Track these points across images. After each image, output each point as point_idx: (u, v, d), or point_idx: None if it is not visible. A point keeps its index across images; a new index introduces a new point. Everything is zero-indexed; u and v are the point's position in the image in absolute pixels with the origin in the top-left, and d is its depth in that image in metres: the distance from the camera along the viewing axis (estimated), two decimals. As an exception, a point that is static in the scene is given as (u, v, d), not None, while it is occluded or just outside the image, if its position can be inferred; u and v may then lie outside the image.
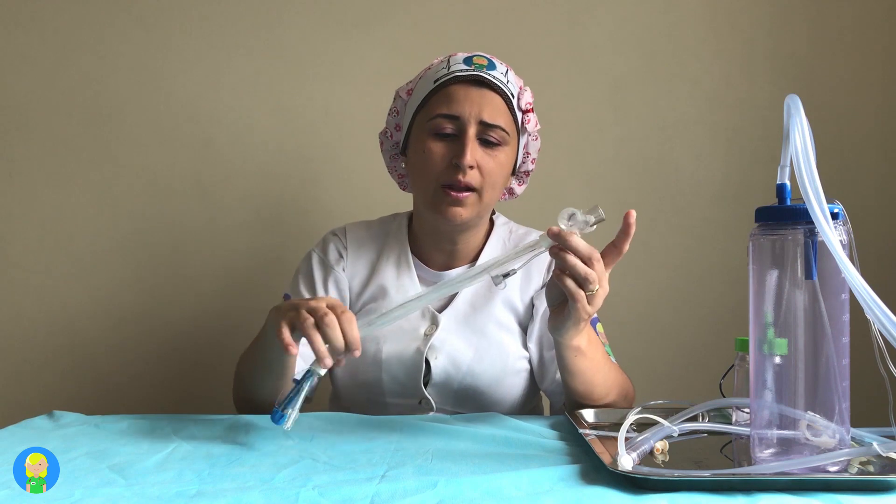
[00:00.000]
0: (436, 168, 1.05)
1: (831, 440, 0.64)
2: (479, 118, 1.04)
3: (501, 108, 1.06)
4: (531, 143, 1.15)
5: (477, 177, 1.05)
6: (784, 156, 0.66)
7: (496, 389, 1.08)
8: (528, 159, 1.17)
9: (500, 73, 1.07)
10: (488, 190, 1.07)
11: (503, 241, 1.18)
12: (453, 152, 1.04)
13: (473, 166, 1.04)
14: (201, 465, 0.72)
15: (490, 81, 1.05)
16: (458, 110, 1.04)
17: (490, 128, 1.05)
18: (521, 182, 1.20)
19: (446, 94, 1.06)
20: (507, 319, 1.12)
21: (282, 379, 0.97)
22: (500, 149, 1.07)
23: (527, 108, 1.10)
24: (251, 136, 1.56)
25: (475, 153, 1.04)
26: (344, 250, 1.17)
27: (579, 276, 0.82)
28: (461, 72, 1.06)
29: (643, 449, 0.71)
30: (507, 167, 1.09)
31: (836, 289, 0.64)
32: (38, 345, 1.54)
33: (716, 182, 1.60)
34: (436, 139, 1.06)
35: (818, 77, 1.59)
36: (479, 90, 1.05)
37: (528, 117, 1.10)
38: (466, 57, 1.08)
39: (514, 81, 1.10)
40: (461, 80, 1.06)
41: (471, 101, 1.04)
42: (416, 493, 0.62)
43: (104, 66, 1.54)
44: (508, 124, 1.07)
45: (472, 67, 1.06)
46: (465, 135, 1.04)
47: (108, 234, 1.55)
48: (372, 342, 1.09)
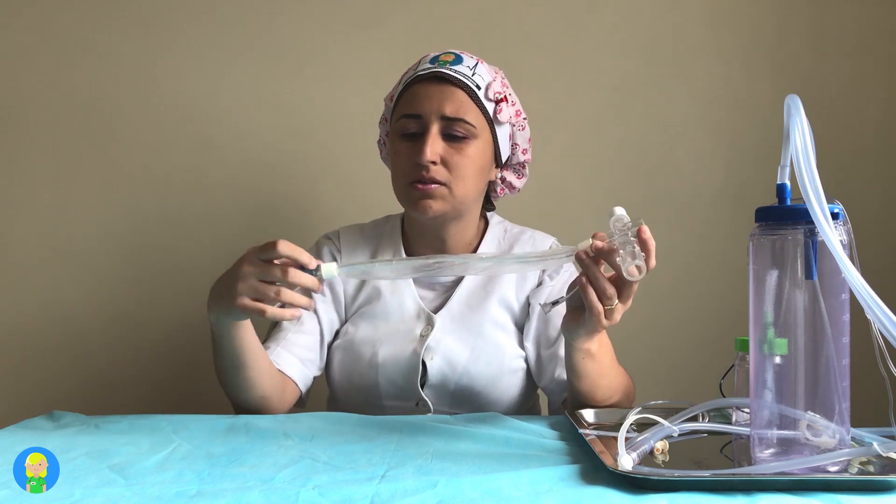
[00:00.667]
0: (403, 167, 1.06)
1: (831, 440, 0.64)
2: (441, 114, 1.04)
3: (464, 101, 1.06)
4: (517, 133, 1.13)
5: (442, 171, 1.05)
6: (784, 156, 0.66)
7: (493, 389, 1.08)
8: (518, 150, 1.15)
9: (466, 67, 1.07)
10: (458, 182, 1.06)
11: (498, 239, 1.18)
12: (416, 150, 1.05)
13: (436, 161, 1.04)
14: (201, 465, 0.72)
15: (451, 76, 1.05)
16: (418, 108, 1.05)
17: (454, 121, 1.05)
18: (520, 175, 1.19)
19: (410, 94, 1.07)
20: (502, 319, 1.12)
21: (254, 368, 0.96)
22: (467, 142, 1.06)
23: (498, 98, 1.08)
24: (251, 136, 1.56)
25: (436, 148, 1.04)
26: (338, 253, 1.18)
27: (601, 289, 0.82)
28: (424, 70, 1.07)
29: (643, 449, 0.71)
30: (478, 160, 1.08)
31: (836, 289, 0.64)
32: (38, 345, 1.54)
33: (716, 182, 1.60)
34: (402, 140, 1.07)
35: (818, 77, 1.59)
36: (439, 86, 1.05)
37: (500, 107, 1.08)
38: (435, 56, 1.09)
39: (485, 73, 1.09)
40: (423, 79, 1.06)
41: (430, 98, 1.05)
42: (416, 493, 0.62)
43: (104, 66, 1.54)
44: (475, 117, 1.06)
45: (435, 65, 1.07)
46: (427, 132, 1.04)
47: (107, 234, 1.54)
48: (368, 345, 1.09)
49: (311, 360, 1.10)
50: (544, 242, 1.18)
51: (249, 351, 0.95)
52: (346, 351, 1.11)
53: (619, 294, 0.84)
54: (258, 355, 0.97)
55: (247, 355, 0.95)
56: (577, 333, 0.88)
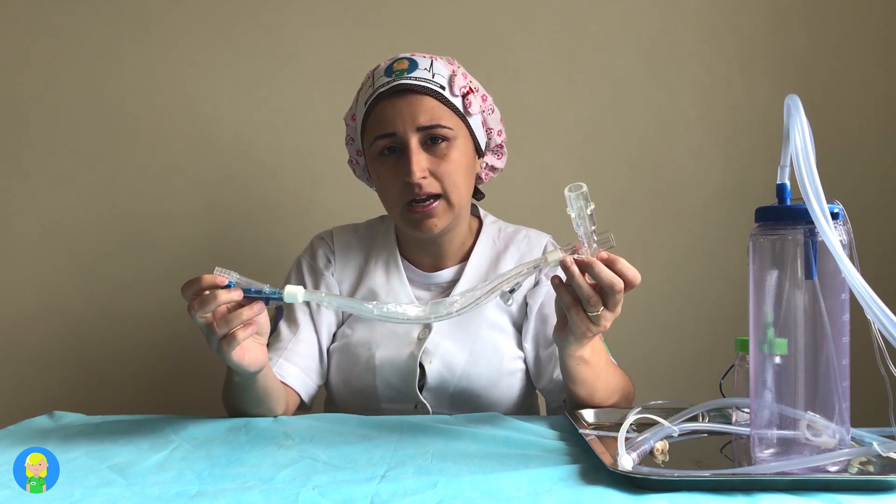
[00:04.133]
0: (392, 190, 1.04)
1: (831, 440, 0.64)
2: (416, 125, 1.01)
3: (434, 106, 1.02)
4: (488, 118, 1.10)
5: (434, 184, 1.02)
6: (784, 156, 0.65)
7: (492, 391, 1.08)
8: (494, 133, 1.12)
9: (424, 70, 1.03)
10: (453, 191, 1.04)
11: (493, 240, 1.17)
12: (401, 170, 1.02)
13: (426, 176, 1.01)
14: (201, 465, 0.72)
15: (414, 85, 1.02)
16: (391, 127, 1.02)
17: (430, 129, 1.02)
18: (499, 156, 1.16)
19: (377, 113, 1.03)
20: (500, 320, 1.11)
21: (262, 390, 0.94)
22: (449, 145, 1.03)
23: (463, 93, 1.05)
24: (251, 136, 1.56)
25: (421, 164, 1.01)
26: (332, 254, 1.17)
27: (584, 298, 0.81)
28: (383, 86, 1.03)
29: (643, 449, 0.71)
30: (463, 161, 1.05)
31: (836, 289, 0.64)
32: (38, 345, 1.54)
33: (716, 182, 1.60)
34: (383, 161, 1.04)
35: (818, 77, 1.59)
36: (405, 99, 1.02)
37: (468, 100, 1.05)
38: (387, 66, 1.05)
39: (443, 71, 1.05)
40: (386, 95, 1.02)
41: (400, 113, 1.01)
42: (416, 493, 0.62)
43: (104, 66, 1.54)
44: (449, 118, 1.03)
45: (392, 77, 1.03)
46: (408, 149, 1.01)
47: (108, 234, 1.55)
48: (364, 348, 1.08)
49: (311, 368, 1.09)
50: (539, 241, 1.17)
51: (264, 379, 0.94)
52: (343, 353, 1.10)
53: (605, 302, 0.82)
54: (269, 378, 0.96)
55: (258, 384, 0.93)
56: (568, 341, 0.88)
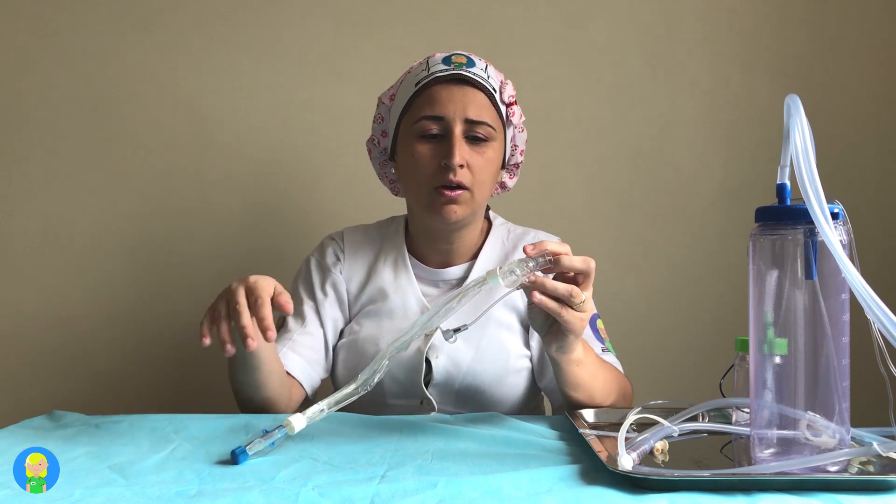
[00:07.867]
0: (426, 171, 1.06)
1: (831, 440, 0.64)
2: (465, 116, 1.05)
3: (485, 104, 1.07)
4: (517, 135, 1.15)
5: (467, 175, 1.05)
6: (784, 156, 0.65)
7: (497, 389, 1.08)
8: (517, 152, 1.17)
9: (480, 70, 1.08)
10: (479, 187, 1.07)
11: (502, 240, 1.19)
12: (442, 153, 1.05)
13: (463, 165, 1.04)
14: (201, 465, 0.72)
15: (471, 79, 1.06)
16: (441, 111, 1.05)
17: (476, 125, 1.05)
18: (512, 175, 1.21)
19: (429, 95, 1.06)
20: (508, 318, 1.12)
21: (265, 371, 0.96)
22: (487, 145, 1.07)
23: (510, 102, 1.11)
24: (251, 136, 1.56)
25: (463, 152, 1.04)
26: (341, 253, 1.18)
27: (564, 296, 0.82)
28: (441, 72, 1.06)
29: (643, 449, 0.71)
30: (495, 163, 1.10)
31: (836, 289, 0.64)
32: (38, 345, 1.54)
33: (716, 182, 1.60)
34: (423, 142, 1.07)
35: (818, 77, 1.59)
36: (461, 88, 1.06)
37: (512, 110, 1.11)
38: (445, 57, 1.09)
39: (495, 76, 1.10)
40: (442, 80, 1.06)
41: (454, 100, 1.05)
42: (416, 493, 0.62)
43: (104, 66, 1.54)
44: (494, 119, 1.08)
45: (451, 66, 1.07)
46: (452, 135, 1.04)
47: (108, 234, 1.55)
48: (372, 343, 1.09)
49: (316, 360, 1.11)
50: None
51: (265, 356, 0.96)
52: (351, 349, 1.12)
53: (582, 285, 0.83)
54: (272, 358, 0.98)
55: (261, 360, 0.95)
56: (566, 344, 0.87)
